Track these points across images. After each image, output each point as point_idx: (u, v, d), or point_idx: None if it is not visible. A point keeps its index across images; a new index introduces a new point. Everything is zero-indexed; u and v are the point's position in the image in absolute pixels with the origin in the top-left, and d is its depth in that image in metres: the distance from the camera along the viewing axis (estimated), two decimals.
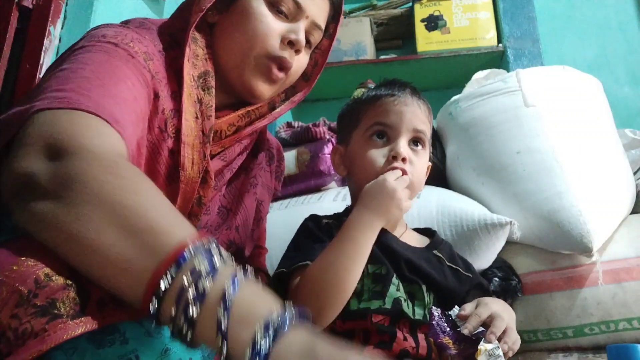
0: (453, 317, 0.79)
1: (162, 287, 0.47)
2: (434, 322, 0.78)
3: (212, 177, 0.84)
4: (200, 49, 0.83)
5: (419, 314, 0.83)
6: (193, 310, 0.46)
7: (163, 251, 0.48)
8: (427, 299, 0.85)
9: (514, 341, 0.79)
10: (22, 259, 0.49)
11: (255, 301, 0.48)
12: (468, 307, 0.81)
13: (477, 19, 2.04)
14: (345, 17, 2.22)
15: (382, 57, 2.15)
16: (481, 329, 0.78)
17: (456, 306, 0.81)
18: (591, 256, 1.08)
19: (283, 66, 0.85)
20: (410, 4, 2.17)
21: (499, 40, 2.01)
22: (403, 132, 0.89)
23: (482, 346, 0.74)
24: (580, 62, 1.98)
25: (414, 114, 0.91)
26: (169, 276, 0.47)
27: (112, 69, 0.68)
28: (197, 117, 0.80)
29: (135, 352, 0.50)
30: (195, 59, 0.81)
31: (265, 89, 0.86)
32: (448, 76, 2.05)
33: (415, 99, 0.93)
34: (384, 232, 0.87)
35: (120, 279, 0.49)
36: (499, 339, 0.77)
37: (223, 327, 0.45)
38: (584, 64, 1.97)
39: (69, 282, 0.49)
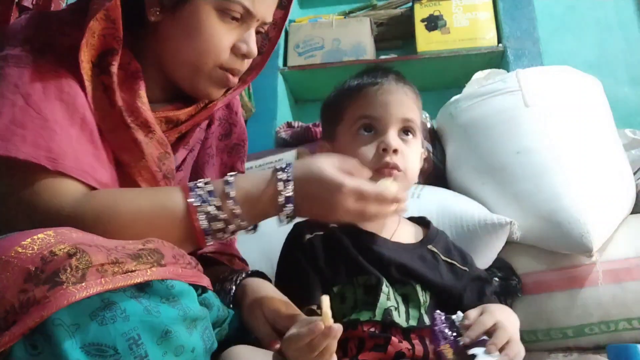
0: (456, 323, 0.76)
1: (202, 223, 0.68)
2: (436, 328, 0.75)
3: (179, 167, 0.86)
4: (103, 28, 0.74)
5: (413, 317, 0.80)
6: (216, 205, 0.68)
7: (178, 209, 0.68)
8: (422, 299, 0.82)
9: (517, 353, 0.73)
10: (28, 242, 0.51)
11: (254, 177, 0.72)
12: (472, 315, 0.76)
13: (477, 19, 2.04)
14: (345, 17, 2.22)
15: (382, 57, 2.15)
16: (484, 337, 0.74)
17: (459, 312, 0.77)
18: (591, 256, 1.08)
19: (235, 73, 0.83)
20: (410, 4, 2.17)
21: (499, 40, 2.01)
22: (391, 123, 0.84)
23: None
24: (580, 62, 1.96)
25: (401, 102, 0.86)
26: (201, 215, 0.67)
27: (42, 86, 0.70)
28: (113, 107, 0.76)
29: (137, 330, 0.51)
30: (92, 37, 0.73)
31: (219, 93, 0.86)
32: (448, 76, 2.05)
33: (400, 85, 0.88)
34: (372, 237, 0.84)
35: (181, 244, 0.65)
36: (501, 350, 0.72)
37: (232, 197, 0.69)
38: (584, 64, 1.95)
39: (71, 251, 0.50)
